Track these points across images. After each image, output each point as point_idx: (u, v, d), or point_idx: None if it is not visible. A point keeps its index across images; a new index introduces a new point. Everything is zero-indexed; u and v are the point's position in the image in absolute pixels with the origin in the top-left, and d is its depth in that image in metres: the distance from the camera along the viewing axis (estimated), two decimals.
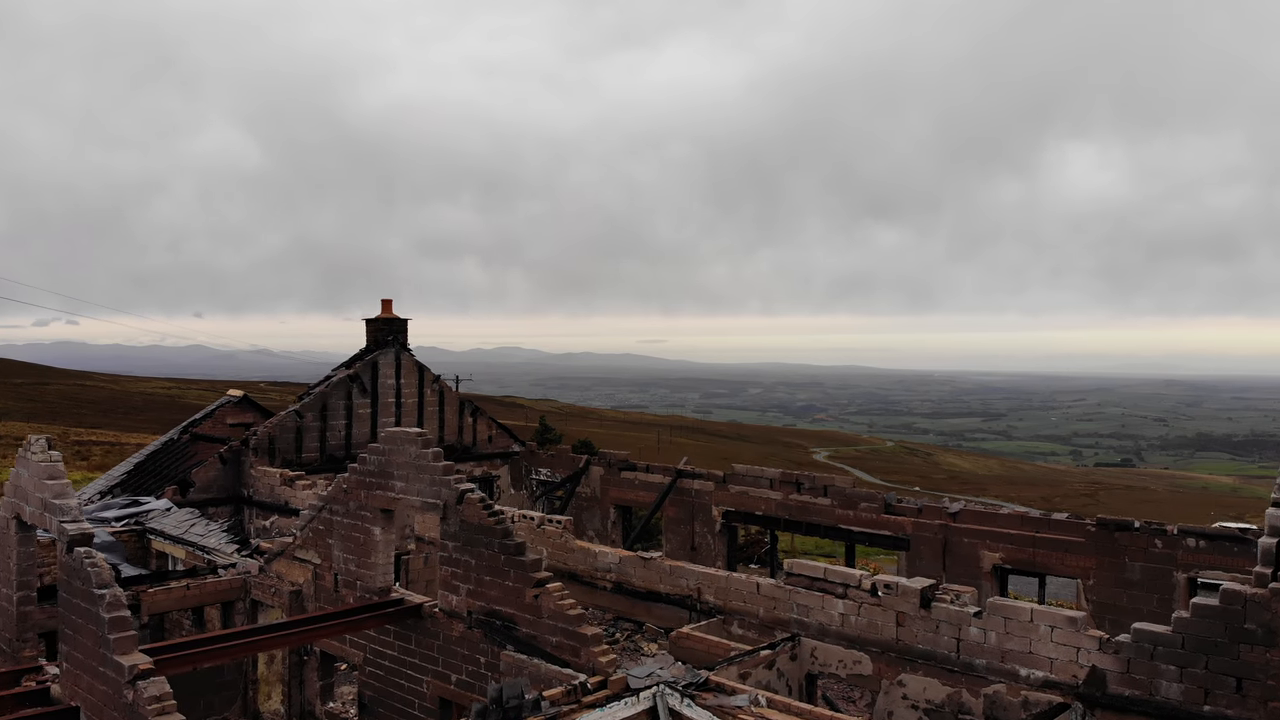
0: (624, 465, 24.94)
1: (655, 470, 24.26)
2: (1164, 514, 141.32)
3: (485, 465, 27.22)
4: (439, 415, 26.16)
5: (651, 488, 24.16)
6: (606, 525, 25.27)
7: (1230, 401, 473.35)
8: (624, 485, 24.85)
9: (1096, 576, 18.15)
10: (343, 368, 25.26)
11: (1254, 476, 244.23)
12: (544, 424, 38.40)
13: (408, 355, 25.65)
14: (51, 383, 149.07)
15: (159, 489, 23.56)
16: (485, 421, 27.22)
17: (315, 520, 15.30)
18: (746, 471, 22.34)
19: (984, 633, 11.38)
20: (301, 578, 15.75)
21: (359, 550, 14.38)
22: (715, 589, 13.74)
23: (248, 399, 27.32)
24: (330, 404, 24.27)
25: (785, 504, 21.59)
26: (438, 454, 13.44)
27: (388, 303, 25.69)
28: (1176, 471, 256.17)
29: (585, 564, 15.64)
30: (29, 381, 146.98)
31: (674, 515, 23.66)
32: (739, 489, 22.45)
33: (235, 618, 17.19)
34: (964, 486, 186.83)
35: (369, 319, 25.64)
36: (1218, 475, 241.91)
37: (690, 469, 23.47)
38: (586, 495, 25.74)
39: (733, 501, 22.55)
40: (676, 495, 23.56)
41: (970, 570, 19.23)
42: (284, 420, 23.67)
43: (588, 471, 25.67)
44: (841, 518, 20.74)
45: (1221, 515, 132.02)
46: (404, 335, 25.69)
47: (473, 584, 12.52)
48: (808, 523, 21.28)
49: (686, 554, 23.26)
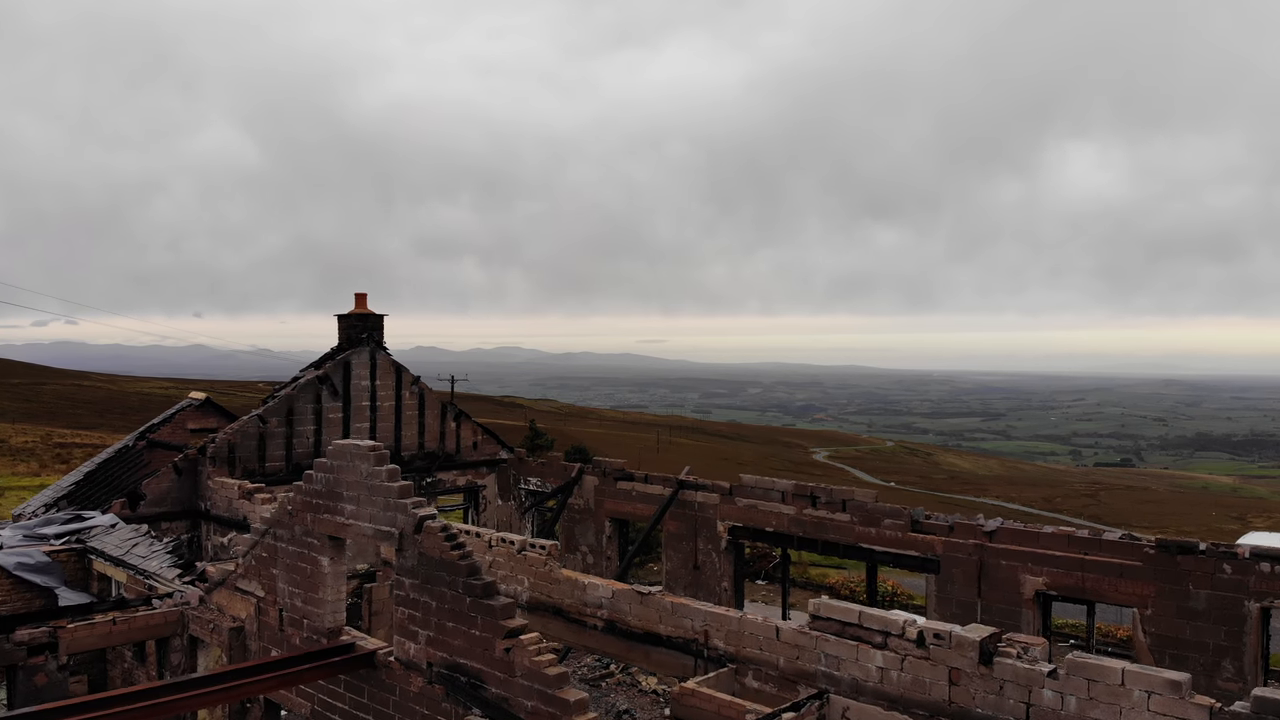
0: (620, 475, 22.75)
1: (654, 480, 22.07)
2: (1165, 515, 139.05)
3: (470, 474, 25.02)
4: (418, 420, 23.97)
5: (650, 499, 21.98)
6: (601, 540, 23.08)
7: (1230, 401, 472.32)
8: (620, 496, 22.67)
9: (1155, 605, 15.97)
10: (311, 368, 23.05)
11: (1254, 476, 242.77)
12: (534, 429, 35.98)
13: (384, 354, 23.44)
14: (48, 383, 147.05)
15: (109, 501, 21.34)
16: (470, 426, 25.01)
17: (259, 546, 13.10)
18: (755, 483, 20.15)
19: (1060, 697, 9.23)
20: (244, 612, 13.55)
21: (306, 583, 12.19)
22: (726, 632, 11.55)
23: (210, 402, 25.11)
24: (297, 408, 22.06)
25: (799, 519, 19.39)
26: (393, 472, 11.24)
27: (361, 297, 23.46)
28: (1176, 471, 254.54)
29: (572, 597, 13.45)
30: (25, 382, 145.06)
31: (675, 530, 21.47)
32: (747, 502, 20.26)
33: (172, 656, 15.00)
34: (964, 486, 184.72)
35: (341, 315, 23.44)
36: (1218, 475, 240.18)
37: (693, 479, 21.29)
38: (579, 507, 23.55)
39: (740, 516, 20.36)
40: (678, 508, 21.38)
41: (1009, 596, 17.05)
42: (245, 426, 21.46)
43: (580, 481, 23.48)
44: (862, 535, 18.55)
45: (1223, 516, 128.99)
46: (379, 332, 23.47)
47: (433, 630, 10.33)
48: (824, 540, 19.08)
49: (689, 572, 21.09)
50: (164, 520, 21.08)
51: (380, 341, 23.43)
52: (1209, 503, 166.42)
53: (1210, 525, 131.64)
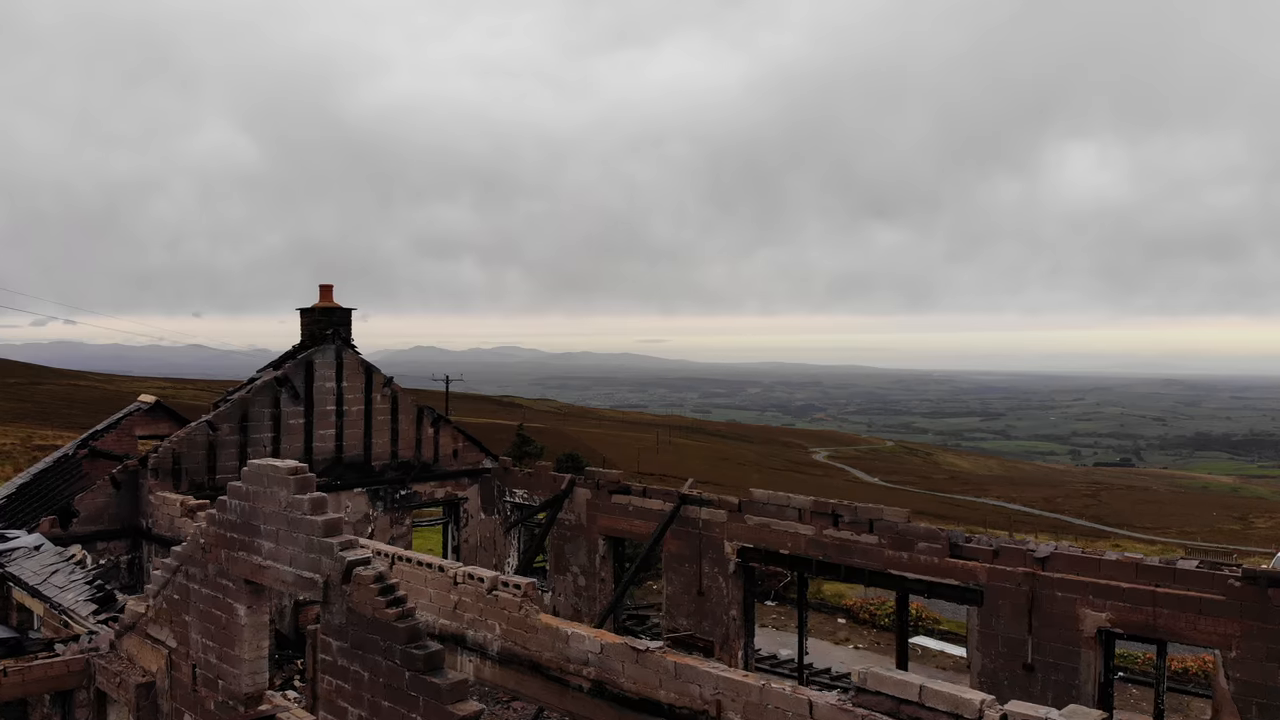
0: (615, 487, 20.32)
1: (654, 495, 19.65)
2: (1166, 515, 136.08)
3: (450, 485, 22.59)
4: (391, 425, 21.53)
5: (649, 516, 19.56)
6: (594, 560, 20.64)
7: (1229, 401, 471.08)
8: (615, 512, 20.25)
9: (1241, 648, 13.57)
10: (270, 368, 20.61)
11: (1254, 476, 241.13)
12: (522, 435, 33.12)
13: (351, 353, 21.00)
14: (44, 383, 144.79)
15: (40, 518, 18.90)
16: (450, 432, 22.59)
17: (170, 586, 10.69)
18: (768, 499, 17.73)
19: None
20: (155, 665, 11.14)
21: (220, 636, 9.79)
22: (744, 704, 9.12)
23: (162, 405, 22.66)
24: (252, 413, 19.62)
25: (819, 541, 16.98)
26: (317, 502, 8.83)
27: (327, 289, 21.03)
28: (1176, 471, 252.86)
29: (553, 650, 11.04)
30: (21, 381, 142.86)
31: (677, 550, 19.06)
32: (758, 520, 17.83)
33: (78, 711, 12.57)
34: (965, 487, 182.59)
35: (304, 309, 21.00)
36: (1218, 475, 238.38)
37: (697, 494, 18.88)
38: (570, 523, 21.13)
39: (750, 536, 17.94)
40: (680, 526, 18.97)
41: (1066, 634, 14.66)
42: (193, 434, 19.02)
43: (571, 494, 21.06)
44: (893, 560, 16.14)
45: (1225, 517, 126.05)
46: (347, 329, 21.03)
47: (366, 709, 7.94)
48: (848, 565, 16.67)
49: (692, 599, 18.68)
50: (100, 540, 18.66)
51: (348, 339, 20.99)
52: (1210, 503, 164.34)
53: (1213, 526, 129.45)
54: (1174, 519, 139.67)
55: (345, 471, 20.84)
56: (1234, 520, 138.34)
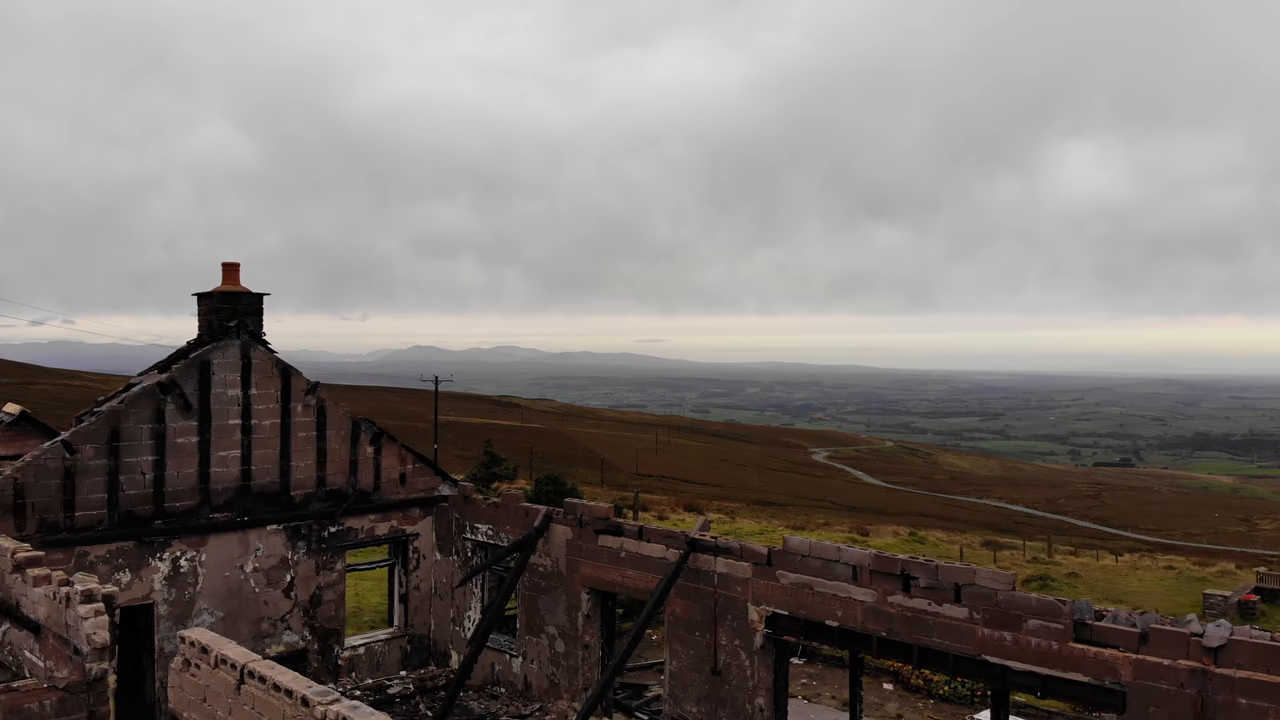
0: (603, 526, 15.59)
1: (653, 537, 14.93)
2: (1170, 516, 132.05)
3: (395, 518, 17.86)
4: (316, 444, 16.79)
5: (647, 565, 14.87)
6: (575, 619, 15.93)
7: (1228, 401, 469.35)
8: (603, 558, 15.54)
9: None
10: (154, 370, 15.87)
11: (1253, 476, 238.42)
12: (490, 453, 27.68)
13: (262, 351, 16.25)
14: (38, 382, 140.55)
15: None
16: (395, 452, 17.85)
17: None
18: (809, 550, 13.04)
19: None
20: None
21: None
22: None
23: (27, 417, 17.92)
24: (126, 429, 14.89)
25: (882, 611, 12.30)
26: None
27: (231, 268, 16.27)
28: (1176, 471, 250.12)
29: None
30: (14, 381, 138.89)
31: (684, 614, 14.36)
32: (795, 578, 13.15)
33: None
34: (966, 488, 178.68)
35: (201, 294, 16.26)
36: (1217, 475, 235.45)
37: (711, 539, 14.18)
38: (545, 569, 16.41)
39: (784, 599, 13.26)
40: (690, 580, 14.29)
41: None
42: (44, 458, 14.28)
43: (547, 532, 16.34)
44: (990, 643, 11.47)
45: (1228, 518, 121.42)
46: (257, 320, 16.28)
47: None
48: (924, 646, 11.99)
49: (704, 679, 14.00)
50: None
51: (258, 333, 16.24)
52: (1211, 504, 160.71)
53: (1216, 528, 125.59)
54: (1178, 520, 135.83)
55: (254, 504, 16.13)
56: (1238, 522, 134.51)
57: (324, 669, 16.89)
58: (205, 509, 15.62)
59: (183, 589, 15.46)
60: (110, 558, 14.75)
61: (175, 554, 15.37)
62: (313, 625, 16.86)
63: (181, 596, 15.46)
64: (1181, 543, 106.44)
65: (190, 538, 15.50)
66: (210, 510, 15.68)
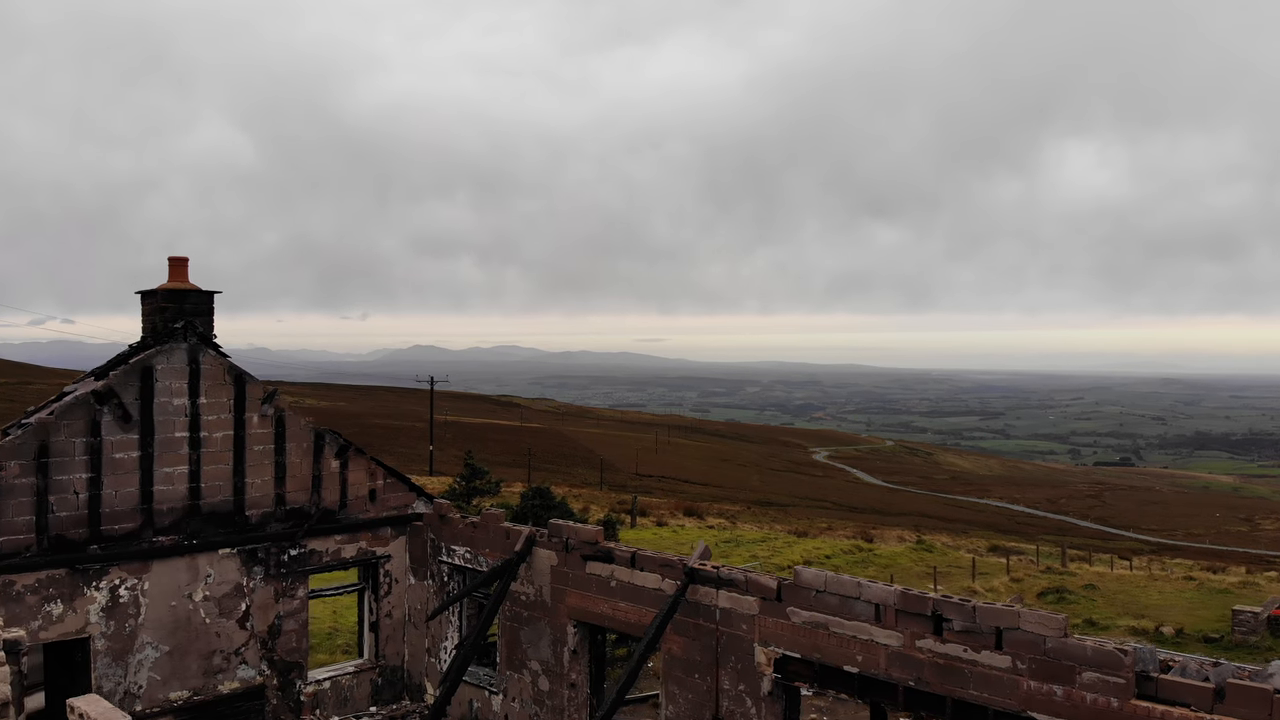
0: (592, 552, 13.96)
1: (647, 564, 13.30)
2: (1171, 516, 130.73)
3: (364, 539, 16.23)
4: (275, 458, 15.16)
5: (641, 597, 13.24)
6: (560, 655, 14.31)
7: (1228, 400, 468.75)
8: (591, 587, 13.91)
9: None
10: (90, 377, 14.23)
11: (1254, 476, 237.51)
12: (472, 465, 25.72)
13: (213, 355, 14.60)
14: (34, 382, 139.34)
15: None
16: (364, 466, 16.22)
17: None
18: (824, 584, 11.42)
19: None
20: None
21: None
22: None
23: None
24: (57, 444, 13.26)
25: (909, 658, 10.68)
26: None
27: (179, 264, 14.63)
28: (1177, 471, 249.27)
29: None
30: (12, 381, 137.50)
31: (682, 652, 12.74)
32: (808, 616, 11.53)
33: None
34: (967, 487, 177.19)
35: (145, 292, 14.63)
36: (1218, 475, 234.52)
37: (712, 569, 12.55)
38: (528, 598, 14.79)
39: (796, 639, 11.64)
40: (688, 614, 12.67)
41: None
42: None
43: (530, 556, 14.72)
44: (1036, 697, 9.85)
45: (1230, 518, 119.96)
46: (207, 321, 14.65)
47: None
48: (958, 699, 10.38)
49: None
50: None
51: (207, 335, 14.60)
52: (1212, 503, 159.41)
53: (1218, 528, 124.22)
54: (1179, 520, 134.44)
55: (204, 525, 14.51)
56: (1240, 522, 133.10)
57: (284, 706, 15.27)
58: (148, 531, 14.01)
59: (122, 621, 13.85)
60: (39, 587, 13.14)
61: (114, 582, 13.76)
62: (271, 658, 15.24)
63: (121, 629, 13.84)
64: (1184, 543, 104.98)
65: (131, 564, 13.88)
66: (154, 533, 14.06)
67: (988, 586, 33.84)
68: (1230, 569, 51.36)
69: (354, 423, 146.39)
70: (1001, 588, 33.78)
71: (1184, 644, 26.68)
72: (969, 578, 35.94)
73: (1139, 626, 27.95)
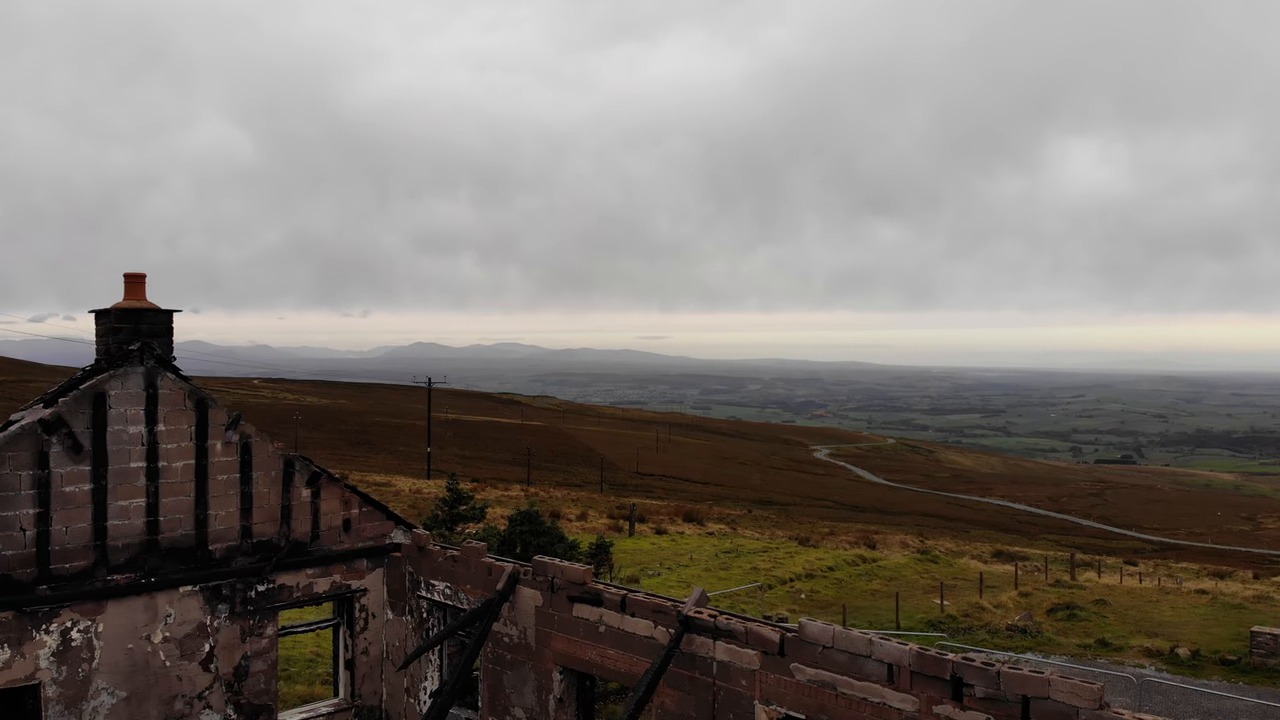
0: (579, 594, 12.94)
1: (638, 609, 12.28)
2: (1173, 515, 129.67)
3: (338, 572, 15.21)
4: (241, 487, 14.14)
5: (632, 645, 12.23)
6: (546, 703, 13.30)
7: (1229, 398, 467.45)
8: (578, 631, 12.90)
9: None
10: (38, 404, 13.20)
11: (1255, 474, 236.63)
12: (455, 489, 24.17)
13: (172, 379, 13.56)
14: (34, 380, 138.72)
15: None
16: (338, 494, 15.20)
17: None
18: (833, 641, 10.40)
19: None
20: None
21: None
22: None
23: None
24: (0, 478, 12.25)
25: None
26: None
27: (135, 280, 13.60)
28: (1178, 468, 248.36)
29: None
30: (12, 379, 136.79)
31: (675, 708, 11.73)
32: (814, 674, 10.51)
33: None
34: (969, 486, 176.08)
35: (99, 311, 13.60)
36: (1219, 472, 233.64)
37: (709, 616, 11.52)
38: (512, 640, 13.78)
39: (800, 699, 10.62)
40: (683, 666, 11.65)
41: None
42: None
43: (514, 596, 13.70)
44: None
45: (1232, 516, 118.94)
46: (166, 342, 13.61)
47: None
48: None
49: None
50: None
51: (166, 357, 13.57)
52: (1214, 501, 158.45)
53: (1220, 527, 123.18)
54: (1181, 519, 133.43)
55: (164, 561, 13.48)
56: (1241, 520, 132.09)
57: None
58: (102, 570, 12.98)
59: (75, 666, 12.82)
60: None
61: (65, 625, 12.73)
62: (238, 702, 14.22)
63: (74, 675, 12.82)
64: (1187, 543, 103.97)
65: (84, 604, 12.85)
66: (108, 571, 13.03)
67: (995, 602, 32.83)
68: (1237, 573, 50.29)
69: (355, 421, 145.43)
70: (1010, 603, 32.78)
71: (1201, 667, 25.67)
72: (976, 592, 34.90)
73: (1153, 647, 26.94)
